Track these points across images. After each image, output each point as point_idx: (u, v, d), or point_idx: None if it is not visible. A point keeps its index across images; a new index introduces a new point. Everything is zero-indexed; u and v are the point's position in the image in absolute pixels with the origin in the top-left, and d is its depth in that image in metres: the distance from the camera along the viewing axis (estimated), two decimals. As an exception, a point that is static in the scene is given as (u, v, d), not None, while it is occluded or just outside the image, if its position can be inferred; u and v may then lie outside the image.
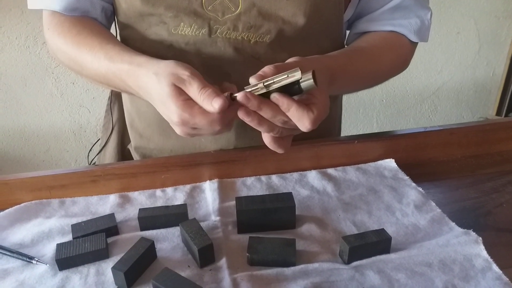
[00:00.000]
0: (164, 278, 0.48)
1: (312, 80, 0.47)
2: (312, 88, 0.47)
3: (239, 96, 0.48)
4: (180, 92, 0.50)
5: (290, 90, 0.48)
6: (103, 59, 0.60)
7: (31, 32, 1.60)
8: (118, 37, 0.71)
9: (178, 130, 0.53)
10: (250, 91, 0.49)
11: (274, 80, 0.48)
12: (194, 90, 0.50)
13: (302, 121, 0.49)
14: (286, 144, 0.55)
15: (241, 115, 0.49)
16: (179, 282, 0.47)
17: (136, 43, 0.68)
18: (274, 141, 0.53)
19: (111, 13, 0.71)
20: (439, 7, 1.89)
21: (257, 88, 0.48)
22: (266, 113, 0.49)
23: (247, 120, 0.49)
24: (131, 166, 0.67)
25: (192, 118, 0.50)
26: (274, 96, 0.48)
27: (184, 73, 0.51)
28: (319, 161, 0.71)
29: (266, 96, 0.49)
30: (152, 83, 0.53)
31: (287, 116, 0.49)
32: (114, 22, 0.72)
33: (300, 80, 0.47)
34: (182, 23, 0.63)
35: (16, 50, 1.63)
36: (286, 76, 0.47)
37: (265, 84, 0.48)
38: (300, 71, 0.47)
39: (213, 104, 0.48)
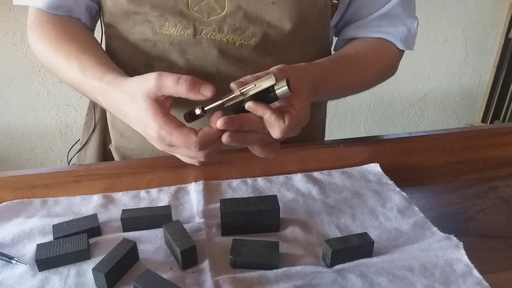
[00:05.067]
0: (146, 280, 0.47)
1: (286, 87, 0.47)
2: (287, 95, 0.48)
3: (219, 124, 0.48)
4: (158, 107, 0.49)
5: (266, 98, 0.49)
6: (76, 70, 0.59)
7: (18, 29, 1.59)
8: (103, 35, 0.70)
9: (156, 145, 0.52)
10: (227, 103, 0.49)
11: (250, 87, 0.48)
12: (169, 85, 0.48)
13: (273, 129, 0.50)
14: (275, 148, 0.55)
15: (226, 141, 0.49)
16: (160, 284, 0.47)
17: (121, 42, 0.67)
18: (262, 149, 0.54)
19: (96, 12, 0.70)
20: (427, 15, 1.91)
21: (234, 96, 0.49)
22: (247, 127, 0.49)
23: (233, 144, 0.49)
24: (115, 166, 0.66)
25: (169, 136, 0.49)
26: (249, 105, 0.49)
27: (150, 79, 0.49)
28: (305, 164, 0.71)
29: (244, 103, 0.50)
30: (123, 102, 0.52)
31: (263, 123, 0.50)
32: (100, 21, 0.71)
33: (275, 87, 0.48)
34: (167, 23, 0.63)
35: (2, 48, 1.61)
36: (261, 82, 0.48)
37: (241, 91, 0.49)
38: (274, 78, 0.47)
39: (202, 92, 0.47)
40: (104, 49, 0.70)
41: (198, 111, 0.51)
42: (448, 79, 2.12)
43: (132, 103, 0.51)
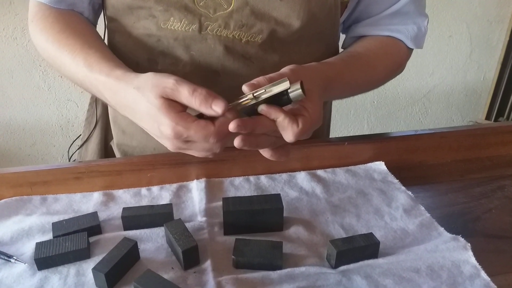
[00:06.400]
0: (146, 280, 0.46)
1: (300, 90, 0.46)
2: (301, 98, 0.47)
3: (231, 127, 0.46)
4: (171, 104, 0.47)
5: (279, 101, 0.48)
6: (82, 65, 0.57)
7: (19, 23, 1.57)
8: (106, 30, 0.69)
9: (169, 144, 0.50)
10: (239, 106, 0.48)
11: (263, 91, 0.47)
12: (185, 95, 0.47)
13: (286, 133, 0.48)
14: (286, 152, 0.53)
15: (239, 145, 0.48)
16: (161, 285, 0.46)
17: (123, 36, 0.66)
18: (274, 152, 0.52)
19: (99, 6, 0.69)
20: (432, 10, 1.89)
21: (247, 100, 0.48)
22: (260, 130, 0.48)
23: (246, 147, 0.48)
24: (116, 163, 0.65)
25: (186, 131, 0.47)
26: (262, 109, 0.48)
27: (168, 81, 0.48)
28: (308, 162, 0.70)
29: (257, 106, 0.48)
30: (134, 98, 0.50)
31: (276, 126, 0.48)
32: (103, 14, 0.70)
33: (289, 90, 0.47)
34: (172, 18, 0.61)
35: (3, 42, 1.59)
36: (275, 86, 0.47)
37: (254, 95, 0.47)
38: (288, 81, 0.46)
39: (214, 108, 0.46)
40: (106, 44, 0.69)
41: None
42: (453, 75, 2.10)
43: (143, 100, 0.49)
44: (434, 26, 1.93)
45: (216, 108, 0.46)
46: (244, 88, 0.48)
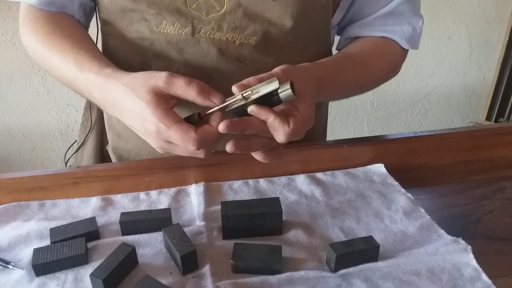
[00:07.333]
0: (145, 286, 0.46)
1: (290, 90, 0.46)
2: (291, 98, 0.47)
3: (221, 128, 0.46)
4: (159, 101, 0.47)
5: (269, 101, 0.48)
6: (71, 64, 0.57)
7: (17, 28, 1.55)
8: (100, 33, 0.69)
9: (154, 143, 0.50)
10: (229, 107, 0.48)
11: (252, 92, 0.47)
12: (180, 85, 0.47)
13: (277, 133, 0.48)
14: (279, 153, 0.53)
15: (231, 150, 0.47)
16: (160, 290, 0.46)
17: (117, 39, 0.66)
18: (267, 155, 0.52)
19: (90, 9, 0.69)
20: (431, 12, 1.89)
21: (236, 100, 0.48)
22: (250, 131, 0.48)
23: (238, 152, 0.48)
24: (114, 168, 0.65)
25: (167, 130, 0.47)
26: (252, 109, 0.48)
27: (161, 75, 0.48)
28: (307, 165, 0.70)
29: (247, 106, 0.48)
30: (122, 95, 0.50)
31: (266, 126, 0.48)
32: (95, 18, 0.70)
33: (279, 91, 0.46)
34: (164, 21, 0.61)
35: (2, 47, 1.59)
36: (264, 86, 0.46)
37: (244, 95, 0.47)
38: (277, 81, 0.46)
39: (211, 98, 0.47)
40: (101, 48, 0.69)
41: (196, 117, 0.49)
42: (452, 76, 2.10)
43: (132, 95, 0.49)
44: (433, 27, 1.93)
45: (214, 99, 0.47)
46: (234, 88, 0.48)
